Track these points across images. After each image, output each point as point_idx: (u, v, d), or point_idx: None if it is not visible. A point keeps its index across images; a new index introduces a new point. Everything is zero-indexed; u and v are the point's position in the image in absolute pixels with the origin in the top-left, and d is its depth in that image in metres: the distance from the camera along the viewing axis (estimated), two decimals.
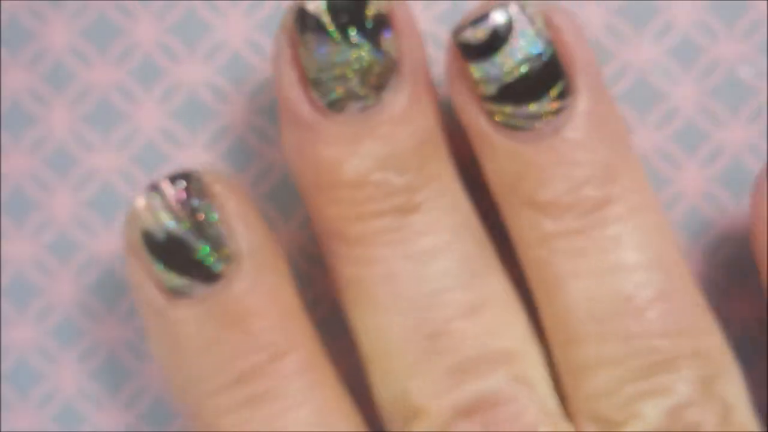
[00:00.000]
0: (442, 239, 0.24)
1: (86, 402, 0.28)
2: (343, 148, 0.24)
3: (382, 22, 0.24)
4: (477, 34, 0.24)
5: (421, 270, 0.24)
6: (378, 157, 0.24)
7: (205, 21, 0.28)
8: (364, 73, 0.24)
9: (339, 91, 0.24)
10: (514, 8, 0.24)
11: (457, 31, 0.24)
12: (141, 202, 0.24)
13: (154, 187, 0.24)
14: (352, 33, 0.24)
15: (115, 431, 0.28)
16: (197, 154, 0.28)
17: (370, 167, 0.24)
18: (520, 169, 0.24)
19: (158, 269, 0.24)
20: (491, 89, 0.24)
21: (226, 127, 0.28)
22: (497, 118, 0.24)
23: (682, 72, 0.28)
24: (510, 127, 0.24)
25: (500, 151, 0.24)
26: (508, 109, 0.24)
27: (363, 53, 0.24)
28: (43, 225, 0.28)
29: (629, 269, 0.24)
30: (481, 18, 0.24)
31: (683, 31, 0.28)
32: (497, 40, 0.24)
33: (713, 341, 0.25)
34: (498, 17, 0.24)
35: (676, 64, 0.28)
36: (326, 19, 0.24)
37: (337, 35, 0.24)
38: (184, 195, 0.24)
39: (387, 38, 0.24)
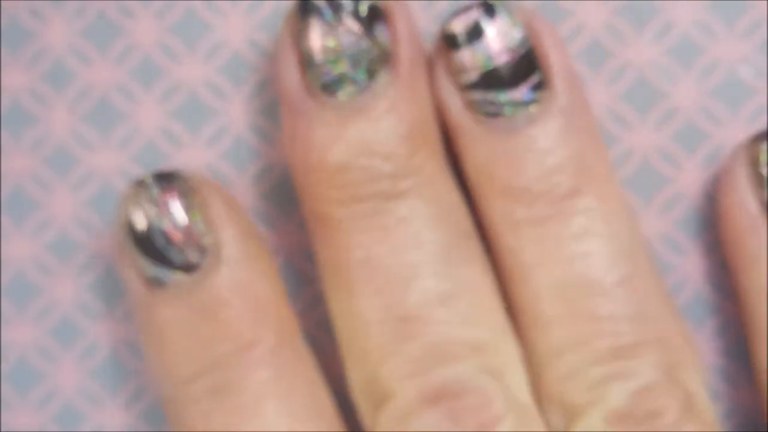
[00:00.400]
0: (422, 228, 0.25)
1: (86, 402, 0.28)
2: (331, 131, 0.25)
3: (377, 13, 0.25)
4: (461, 24, 0.25)
5: (399, 257, 0.25)
6: (364, 142, 0.25)
7: (205, 21, 0.28)
8: (356, 59, 0.25)
9: (332, 74, 0.25)
10: (496, 4, 0.25)
11: (444, 23, 0.26)
12: (126, 195, 0.26)
13: (140, 182, 0.25)
14: (348, 20, 0.25)
15: (115, 431, 0.28)
16: (197, 154, 0.28)
17: (356, 152, 0.25)
18: (496, 157, 0.25)
19: (139, 259, 0.25)
20: (472, 76, 0.25)
21: (226, 127, 0.28)
22: (476, 108, 0.25)
23: (682, 72, 0.28)
24: (488, 114, 0.25)
25: (478, 140, 0.26)
26: (487, 96, 0.25)
27: (357, 40, 0.25)
28: (43, 225, 0.28)
29: (596, 256, 0.25)
30: (465, 9, 0.25)
31: (683, 31, 0.28)
32: (479, 29, 0.25)
33: (676, 330, 0.25)
34: (480, 9, 0.25)
35: (676, 64, 0.28)
36: (324, 5, 0.25)
37: (334, 21, 0.25)
38: (168, 191, 0.25)
39: (381, 28, 0.25)
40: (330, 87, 0.25)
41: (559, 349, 0.25)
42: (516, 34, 0.25)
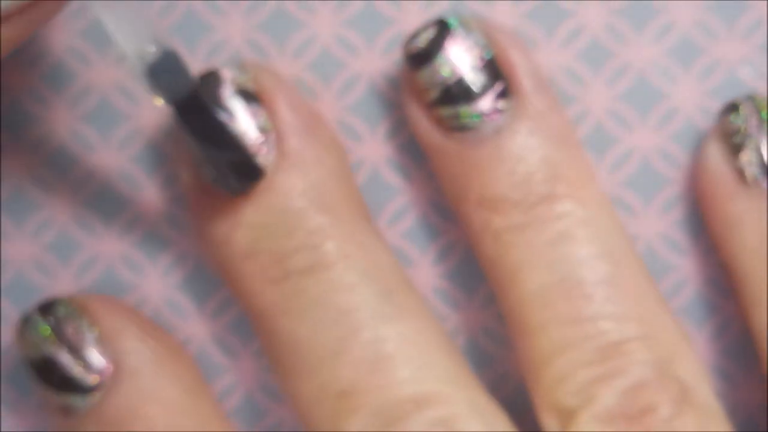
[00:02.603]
0: (342, 299, 0.25)
1: None
2: (228, 221, 0.25)
3: (249, 95, 0.25)
4: (418, 43, 0.26)
5: (320, 336, 0.25)
6: (261, 224, 0.25)
7: (205, 21, 0.28)
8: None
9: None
10: (451, 20, 0.26)
11: (403, 44, 0.26)
12: (17, 333, 0.26)
13: (26, 319, 0.26)
14: (218, 113, 0.25)
15: None
16: None
17: (257, 236, 0.25)
18: (468, 170, 0.26)
19: (45, 390, 0.26)
20: (434, 93, 0.25)
21: None
22: (443, 124, 0.26)
23: (682, 72, 0.28)
24: (455, 129, 0.25)
25: (449, 156, 0.26)
26: (452, 110, 0.25)
27: (228, 129, 0.25)
28: (43, 225, 0.28)
29: (578, 259, 0.25)
30: (422, 29, 0.26)
31: (683, 31, 0.28)
32: (436, 46, 0.25)
33: (665, 325, 0.25)
34: (436, 27, 0.26)
35: (676, 65, 0.28)
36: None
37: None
38: (52, 322, 0.26)
39: (252, 112, 0.25)
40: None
41: (547, 355, 0.25)
42: (475, 47, 0.25)
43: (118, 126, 0.28)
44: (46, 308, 0.26)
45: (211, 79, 0.25)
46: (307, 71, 0.28)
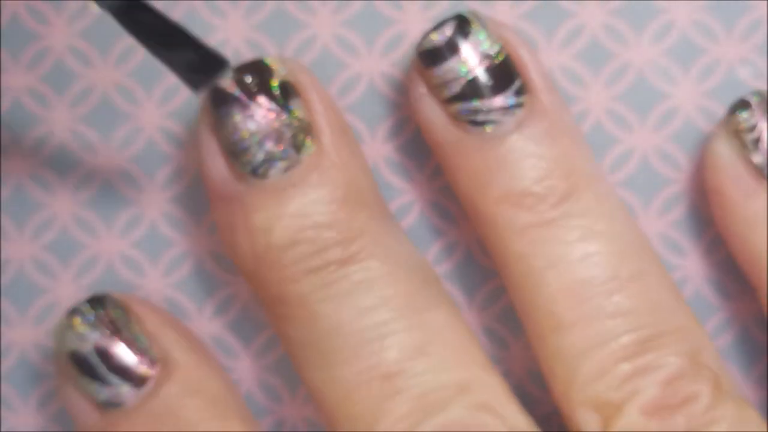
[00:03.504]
0: (383, 286, 0.25)
1: None
2: (270, 212, 0.25)
3: (289, 89, 0.25)
4: (437, 39, 0.26)
5: (367, 318, 0.25)
6: (305, 215, 0.25)
7: (205, 21, 0.28)
8: (279, 136, 0.25)
9: (259, 156, 0.25)
10: (469, 16, 0.26)
11: (420, 41, 0.26)
12: (62, 324, 0.26)
13: (74, 310, 0.26)
14: (263, 101, 0.25)
15: None
16: None
17: (299, 226, 0.25)
18: (490, 164, 0.26)
19: (88, 385, 0.26)
20: (455, 88, 0.25)
21: None
22: (463, 119, 0.26)
23: (682, 72, 0.28)
24: (476, 123, 0.25)
25: (469, 151, 0.26)
26: (471, 106, 0.25)
27: (274, 118, 0.25)
28: (43, 225, 0.28)
29: (605, 255, 0.25)
30: (440, 25, 0.26)
31: (683, 31, 0.28)
32: (456, 42, 0.26)
33: (689, 317, 0.26)
34: (455, 23, 0.26)
35: (676, 65, 0.28)
36: (237, 91, 0.25)
37: (249, 104, 0.25)
38: (103, 315, 0.26)
39: (296, 103, 0.25)
40: (260, 169, 0.25)
41: (584, 351, 0.25)
42: (491, 44, 0.26)
43: (118, 126, 0.28)
44: (96, 302, 0.26)
45: (259, 67, 0.26)
46: None
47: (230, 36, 0.28)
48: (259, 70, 0.25)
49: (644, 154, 0.28)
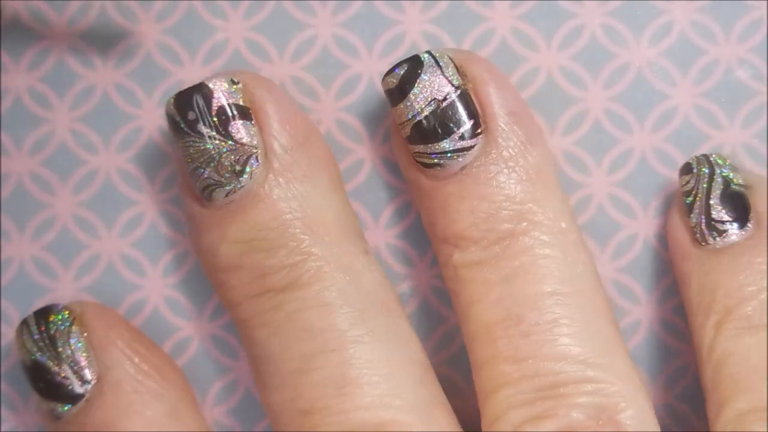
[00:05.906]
0: (316, 317, 0.25)
1: None
2: (214, 235, 0.25)
3: (235, 110, 0.25)
4: (391, 81, 0.26)
5: (293, 348, 0.25)
6: (245, 240, 0.25)
7: (205, 21, 0.28)
8: (218, 161, 0.25)
9: (202, 181, 0.25)
10: (424, 56, 0.25)
11: (381, 80, 0.26)
12: (15, 336, 0.27)
13: (23, 322, 0.26)
14: (200, 128, 0.25)
15: None
16: None
17: (240, 251, 0.25)
18: (434, 206, 0.26)
19: (34, 395, 0.26)
20: (407, 130, 0.25)
21: None
22: (417, 160, 0.26)
23: (681, 73, 0.28)
24: (427, 166, 0.25)
25: (423, 191, 0.26)
26: (423, 147, 0.25)
27: (213, 144, 0.25)
28: (43, 225, 0.28)
29: (525, 297, 0.25)
30: (395, 66, 0.25)
31: (682, 32, 0.28)
32: (406, 84, 0.25)
33: (615, 368, 0.25)
34: (406, 64, 0.25)
35: (675, 65, 0.28)
36: (177, 117, 0.25)
37: (187, 130, 0.25)
38: (44, 330, 0.26)
39: (240, 125, 0.25)
40: (205, 192, 0.25)
41: (487, 393, 0.25)
42: (445, 83, 0.25)
43: (118, 126, 0.28)
44: (41, 314, 0.26)
45: (201, 92, 0.25)
46: (307, 71, 0.28)
47: (230, 36, 0.28)
48: (201, 94, 0.25)
49: (643, 154, 0.28)
